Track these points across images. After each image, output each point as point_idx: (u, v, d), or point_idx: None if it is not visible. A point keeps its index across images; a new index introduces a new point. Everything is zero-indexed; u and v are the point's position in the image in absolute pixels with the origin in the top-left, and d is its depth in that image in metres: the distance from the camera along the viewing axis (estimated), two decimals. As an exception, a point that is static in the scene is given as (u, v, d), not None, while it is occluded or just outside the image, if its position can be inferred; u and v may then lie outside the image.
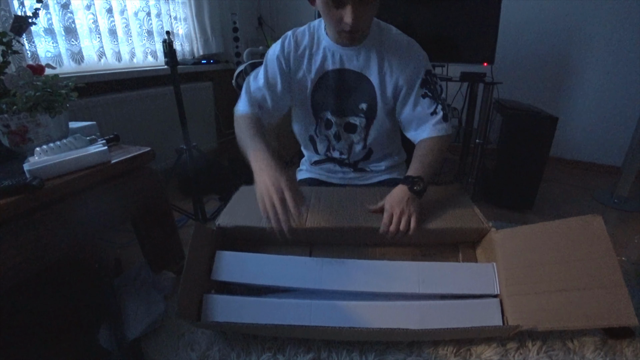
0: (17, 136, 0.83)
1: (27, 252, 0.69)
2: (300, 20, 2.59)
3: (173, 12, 2.00)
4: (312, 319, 0.74)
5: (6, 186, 0.66)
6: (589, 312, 0.66)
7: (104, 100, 1.57)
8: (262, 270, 0.81)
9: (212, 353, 0.79)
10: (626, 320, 0.64)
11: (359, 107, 0.89)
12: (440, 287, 0.78)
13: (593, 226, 0.70)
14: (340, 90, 0.88)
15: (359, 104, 0.89)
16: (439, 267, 0.80)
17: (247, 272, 0.81)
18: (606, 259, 0.67)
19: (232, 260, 0.82)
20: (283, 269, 0.81)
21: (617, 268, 0.66)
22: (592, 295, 0.67)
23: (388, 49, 0.84)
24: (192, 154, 1.46)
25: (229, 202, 0.93)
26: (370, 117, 0.90)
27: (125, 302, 0.89)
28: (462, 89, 1.89)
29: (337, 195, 0.92)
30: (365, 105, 0.89)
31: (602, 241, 0.68)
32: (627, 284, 0.99)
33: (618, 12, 1.82)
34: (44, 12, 1.37)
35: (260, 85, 0.88)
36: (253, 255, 0.83)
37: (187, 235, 0.78)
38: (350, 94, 0.88)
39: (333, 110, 0.91)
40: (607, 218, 1.55)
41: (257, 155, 0.75)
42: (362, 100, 0.89)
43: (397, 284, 0.78)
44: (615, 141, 2.01)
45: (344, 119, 0.92)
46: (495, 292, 0.77)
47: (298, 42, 0.87)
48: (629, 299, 0.64)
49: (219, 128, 2.37)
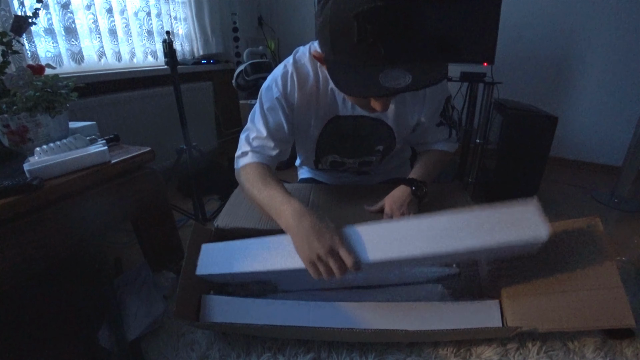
0: (17, 136, 0.83)
1: (27, 252, 0.69)
2: (300, 20, 2.59)
3: (173, 12, 2.00)
4: (312, 320, 0.74)
5: (6, 186, 0.66)
6: (587, 314, 0.66)
7: (104, 100, 1.57)
8: (248, 256, 0.72)
9: (212, 353, 0.78)
10: (624, 322, 0.64)
11: (375, 148, 0.84)
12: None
13: (592, 227, 0.70)
14: (355, 137, 0.81)
15: (376, 146, 0.84)
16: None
17: (233, 262, 0.72)
18: (604, 260, 0.67)
19: (216, 252, 0.76)
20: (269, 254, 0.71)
21: (615, 270, 0.66)
22: (591, 296, 0.67)
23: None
24: (192, 154, 1.46)
25: (228, 199, 0.93)
26: (387, 154, 0.87)
27: (125, 302, 0.89)
28: (462, 89, 1.89)
29: (336, 194, 0.91)
30: (382, 146, 0.84)
31: (601, 242, 0.69)
32: (627, 284, 1.00)
33: (618, 12, 1.82)
34: (44, 12, 1.37)
35: (262, 135, 0.75)
36: (237, 242, 0.74)
37: (187, 235, 0.78)
38: (365, 138, 0.82)
39: (344, 154, 0.84)
40: (607, 218, 1.55)
41: (290, 210, 0.64)
42: (378, 143, 0.83)
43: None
44: (615, 141, 2.01)
45: (357, 159, 0.87)
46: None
47: (302, 81, 0.73)
48: (626, 301, 0.64)
49: (219, 128, 2.37)
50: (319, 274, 0.59)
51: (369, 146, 0.84)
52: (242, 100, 2.07)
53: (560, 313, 0.68)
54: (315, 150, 0.85)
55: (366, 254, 0.59)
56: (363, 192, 0.93)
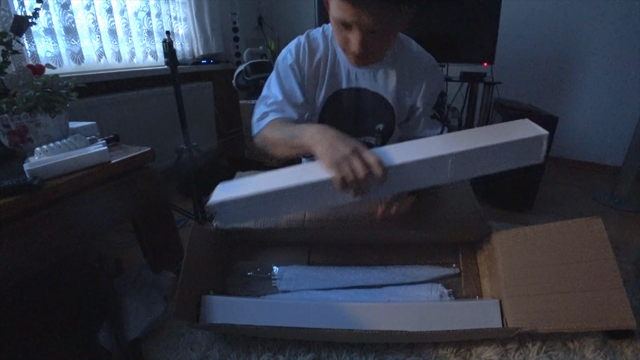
0: (17, 136, 0.83)
1: (27, 252, 0.69)
2: (300, 20, 2.60)
3: (173, 12, 2.00)
4: (312, 321, 0.74)
5: (6, 186, 0.66)
6: (588, 314, 0.66)
7: (104, 100, 1.57)
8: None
9: (212, 353, 0.78)
10: (624, 323, 0.64)
11: (375, 128, 0.85)
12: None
13: (593, 228, 0.70)
14: (357, 111, 0.83)
15: (376, 125, 0.85)
16: None
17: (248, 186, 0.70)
18: (605, 261, 0.67)
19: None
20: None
21: (616, 270, 0.66)
22: (592, 297, 0.67)
23: (408, 70, 0.79)
24: (192, 154, 1.46)
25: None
26: (386, 136, 0.88)
27: (125, 302, 0.89)
28: (462, 89, 1.89)
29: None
30: (382, 126, 0.85)
31: (602, 243, 0.68)
32: (627, 284, 0.99)
33: (618, 12, 1.82)
34: (44, 12, 1.37)
35: (279, 99, 0.78)
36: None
37: (187, 235, 0.78)
38: (368, 115, 0.84)
39: (346, 130, 0.85)
40: (607, 218, 1.54)
41: (315, 126, 0.66)
42: (379, 122, 0.84)
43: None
44: (615, 141, 2.01)
45: (358, 138, 0.87)
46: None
47: (312, 51, 0.79)
48: (627, 302, 0.64)
49: (219, 128, 2.37)
50: (342, 179, 0.58)
51: (370, 124, 0.85)
52: (242, 100, 2.07)
53: (561, 314, 0.68)
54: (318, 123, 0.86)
55: (390, 158, 0.61)
56: None
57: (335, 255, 0.87)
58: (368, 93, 0.80)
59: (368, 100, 0.81)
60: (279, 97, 0.78)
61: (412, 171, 0.62)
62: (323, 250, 0.88)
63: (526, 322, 0.70)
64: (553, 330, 0.69)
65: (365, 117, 0.84)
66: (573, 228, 0.72)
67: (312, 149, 0.64)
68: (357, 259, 0.86)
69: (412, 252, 0.86)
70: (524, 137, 0.61)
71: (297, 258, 0.87)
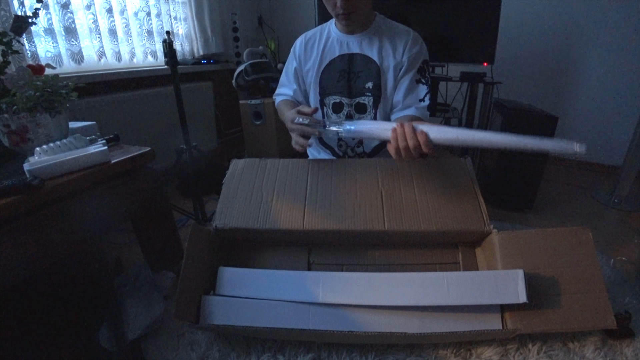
0: (17, 136, 0.83)
1: (27, 252, 0.69)
2: (300, 20, 2.60)
3: (173, 12, 2.00)
4: (311, 323, 0.74)
5: (6, 186, 0.66)
6: (579, 316, 0.72)
7: (104, 100, 1.56)
8: (263, 285, 0.80)
9: (212, 353, 0.79)
10: (605, 324, 0.71)
11: (366, 86, 0.97)
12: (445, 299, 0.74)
13: (581, 237, 0.78)
14: (350, 73, 0.97)
15: (366, 83, 0.97)
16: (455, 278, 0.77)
17: (249, 287, 0.80)
18: (591, 267, 0.75)
19: (234, 276, 0.82)
20: (284, 283, 0.79)
21: (600, 276, 0.74)
22: (580, 299, 0.73)
23: (391, 35, 0.94)
24: (192, 154, 1.46)
25: (222, 186, 0.95)
26: (377, 95, 0.97)
27: (125, 302, 0.89)
28: (462, 89, 1.89)
29: (333, 167, 0.93)
30: (372, 83, 0.96)
31: (589, 251, 0.76)
32: (627, 284, 1.00)
33: (618, 12, 1.82)
34: (44, 12, 1.37)
35: (282, 84, 1.09)
36: (254, 271, 0.83)
37: (187, 235, 0.78)
38: (359, 75, 0.97)
39: (342, 92, 1.00)
40: (607, 218, 1.55)
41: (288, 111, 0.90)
42: (368, 80, 0.96)
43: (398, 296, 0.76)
44: (615, 141, 2.01)
45: (354, 99, 1.00)
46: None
47: (307, 39, 1.02)
48: (609, 304, 0.72)
49: (219, 128, 2.37)
50: (292, 128, 0.85)
51: (362, 83, 0.98)
52: (242, 100, 2.07)
53: (556, 315, 0.72)
54: (319, 90, 1.02)
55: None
56: (357, 165, 0.94)
57: (335, 255, 0.87)
58: (358, 56, 0.97)
59: (357, 62, 0.97)
60: (283, 82, 1.09)
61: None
62: (323, 251, 0.88)
63: (525, 323, 0.71)
64: (550, 331, 0.73)
65: (356, 78, 0.98)
66: (566, 235, 0.79)
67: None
68: (357, 259, 0.86)
69: (411, 252, 0.86)
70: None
71: (297, 258, 0.87)
